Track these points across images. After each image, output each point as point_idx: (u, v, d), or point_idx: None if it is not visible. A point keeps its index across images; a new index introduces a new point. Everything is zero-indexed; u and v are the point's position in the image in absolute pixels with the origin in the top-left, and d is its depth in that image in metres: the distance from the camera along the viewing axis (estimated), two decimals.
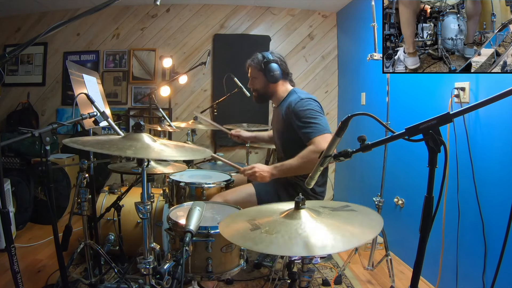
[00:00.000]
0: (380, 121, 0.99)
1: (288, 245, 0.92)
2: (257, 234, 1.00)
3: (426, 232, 0.88)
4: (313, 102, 1.88)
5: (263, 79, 2.02)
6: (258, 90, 2.09)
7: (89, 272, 1.91)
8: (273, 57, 1.99)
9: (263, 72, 1.99)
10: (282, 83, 2.04)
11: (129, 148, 1.24)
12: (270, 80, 1.99)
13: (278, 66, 1.98)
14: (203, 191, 1.97)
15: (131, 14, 3.96)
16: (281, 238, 0.96)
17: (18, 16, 3.95)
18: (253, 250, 0.98)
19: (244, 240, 1.00)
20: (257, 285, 2.17)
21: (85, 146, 1.20)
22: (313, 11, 4.00)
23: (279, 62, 1.99)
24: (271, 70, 1.96)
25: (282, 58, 2.03)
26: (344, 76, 3.92)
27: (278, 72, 1.97)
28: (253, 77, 2.08)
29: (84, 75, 2.02)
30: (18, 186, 2.98)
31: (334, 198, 4.01)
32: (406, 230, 2.52)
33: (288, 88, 2.06)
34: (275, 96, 2.07)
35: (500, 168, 1.73)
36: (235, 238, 1.04)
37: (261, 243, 0.95)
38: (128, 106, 4.03)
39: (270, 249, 0.93)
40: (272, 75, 1.97)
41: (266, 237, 0.97)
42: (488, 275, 1.74)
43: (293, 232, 0.98)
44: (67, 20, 1.33)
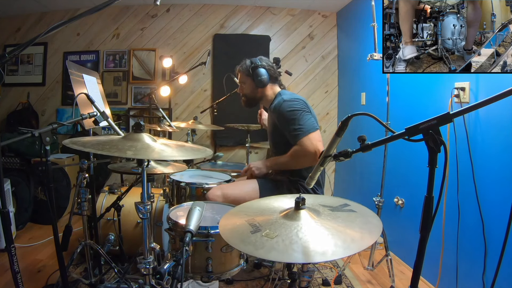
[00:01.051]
0: (380, 121, 0.99)
1: (289, 251, 0.92)
2: (258, 238, 0.99)
3: (426, 232, 0.88)
4: (296, 101, 1.91)
5: (251, 84, 2.08)
6: (246, 95, 2.15)
7: (89, 272, 1.91)
8: (261, 63, 2.04)
9: (251, 77, 2.05)
10: (270, 86, 2.09)
11: (129, 148, 1.24)
12: (258, 84, 2.04)
13: (266, 71, 2.03)
14: (203, 191, 1.98)
15: (131, 14, 3.96)
16: (281, 242, 0.95)
17: (18, 16, 3.95)
18: (254, 255, 0.98)
19: (245, 244, 0.99)
20: (257, 285, 2.17)
21: (86, 148, 1.20)
22: (313, 11, 4.00)
23: (266, 67, 2.04)
24: (258, 74, 2.01)
25: (270, 63, 2.09)
26: (344, 76, 3.92)
27: (266, 77, 2.02)
28: (242, 82, 2.15)
29: (84, 75, 2.02)
30: (18, 186, 2.98)
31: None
32: (406, 230, 2.52)
33: (276, 91, 2.10)
34: (264, 100, 2.11)
35: (500, 168, 1.73)
36: (235, 241, 1.03)
37: (262, 248, 0.95)
38: (128, 106, 4.03)
39: (270, 255, 0.93)
40: (260, 79, 2.02)
41: (267, 242, 0.97)
42: (488, 275, 1.74)
43: (294, 236, 0.97)
44: (67, 20, 1.33)
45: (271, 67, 2.07)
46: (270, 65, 2.08)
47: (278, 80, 2.14)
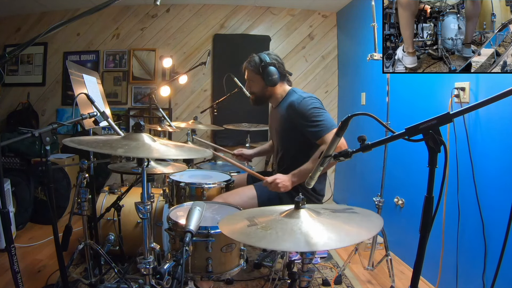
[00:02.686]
0: (380, 121, 0.99)
1: (279, 240, 0.95)
2: (253, 230, 1.02)
3: (426, 232, 0.88)
4: (315, 100, 1.89)
5: (261, 82, 1.99)
6: (255, 93, 2.07)
7: (89, 272, 1.91)
8: (271, 60, 1.95)
9: (261, 76, 1.97)
10: (280, 84, 2.02)
11: (122, 147, 1.24)
12: (268, 83, 1.96)
13: (276, 69, 1.95)
14: (203, 191, 1.97)
15: (131, 14, 3.96)
16: (274, 234, 0.97)
17: (18, 16, 3.95)
18: (245, 243, 1.01)
19: (239, 234, 1.03)
20: (257, 285, 2.17)
21: (81, 145, 1.21)
22: (313, 11, 4.00)
23: (276, 64, 1.96)
24: (269, 74, 1.93)
25: (279, 60, 2.01)
26: (344, 76, 3.92)
27: (277, 76, 1.94)
28: (250, 80, 2.05)
29: (84, 75, 2.02)
30: (18, 186, 2.98)
31: (333, 198, 4.01)
32: (406, 230, 2.52)
33: (286, 89, 2.05)
34: (273, 98, 2.05)
35: (500, 168, 1.73)
36: (231, 232, 1.06)
37: (254, 237, 0.98)
38: (128, 106, 4.03)
39: (261, 243, 0.96)
40: (271, 79, 1.94)
41: (260, 232, 0.99)
42: (488, 275, 1.74)
43: (288, 230, 0.99)
44: (67, 20, 1.33)
45: (280, 64, 1.99)
46: (280, 62, 2.00)
47: (287, 77, 2.07)
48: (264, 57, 1.96)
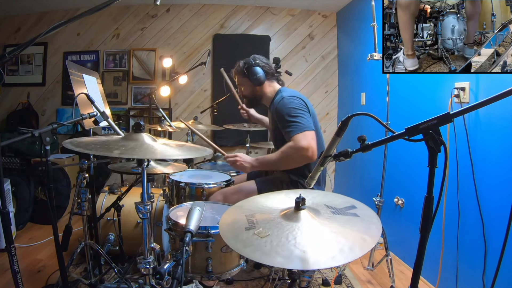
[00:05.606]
0: (380, 121, 0.99)
1: (272, 253, 0.91)
2: (249, 236, 0.99)
3: (426, 232, 0.88)
4: (296, 100, 1.88)
5: (248, 83, 2.06)
6: (247, 96, 2.13)
7: (89, 272, 1.91)
8: (254, 61, 2.02)
9: (247, 77, 2.03)
10: (268, 84, 2.06)
11: (118, 148, 1.24)
12: (255, 83, 2.02)
13: (261, 68, 2.00)
14: (203, 191, 1.97)
15: (131, 14, 3.96)
16: (269, 244, 0.94)
17: (18, 16, 3.95)
18: (240, 253, 0.97)
19: (235, 241, 1.00)
20: (257, 285, 2.17)
21: (78, 147, 1.21)
22: (313, 11, 4.00)
23: (261, 64, 2.02)
24: (254, 73, 1.99)
25: (264, 60, 2.06)
26: (344, 76, 3.92)
27: (261, 74, 2.00)
28: (240, 84, 2.14)
29: (84, 75, 2.02)
30: (18, 186, 2.98)
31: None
32: (406, 230, 2.52)
33: (275, 88, 2.08)
34: (265, 98, 2.09)
35: (500, 168, 1.73)
36: (228, 235, 1.04)
37: (249, 246, 0.95)
38: (128, 106, 4.03)
39: (255, 255, 0.92)
40: (256, 77, 2.00)
41: (256, 240, 0.96)
42: (488, 275, 1.74)
43: (283, 238, 0.96)
44: (67, 20, 1.33)
45: (265, 64, 2.05)
46: (265, 62, 2.05)
47: (275, 76, 2.11)
48: (248, 60, 2.05)
